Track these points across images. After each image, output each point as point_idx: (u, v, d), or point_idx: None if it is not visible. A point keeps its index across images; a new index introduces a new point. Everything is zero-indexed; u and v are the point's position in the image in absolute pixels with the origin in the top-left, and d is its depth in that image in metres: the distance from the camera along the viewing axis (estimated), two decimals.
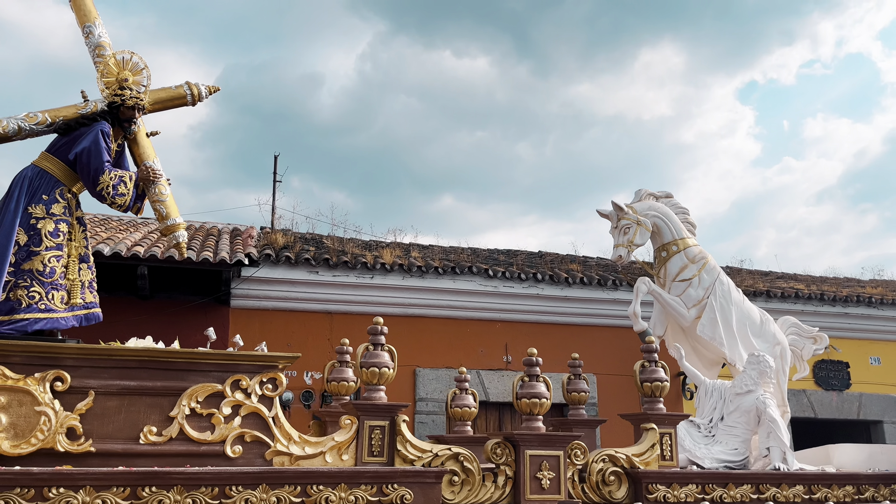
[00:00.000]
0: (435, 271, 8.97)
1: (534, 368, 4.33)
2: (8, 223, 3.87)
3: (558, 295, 9.39)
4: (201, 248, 8.29)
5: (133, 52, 4.39)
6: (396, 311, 8.73)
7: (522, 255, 11.03)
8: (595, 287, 9.51)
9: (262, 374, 3.85)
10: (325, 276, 8.63)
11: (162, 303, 8.16)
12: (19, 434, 3.39)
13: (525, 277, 9.26)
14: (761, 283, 10.86)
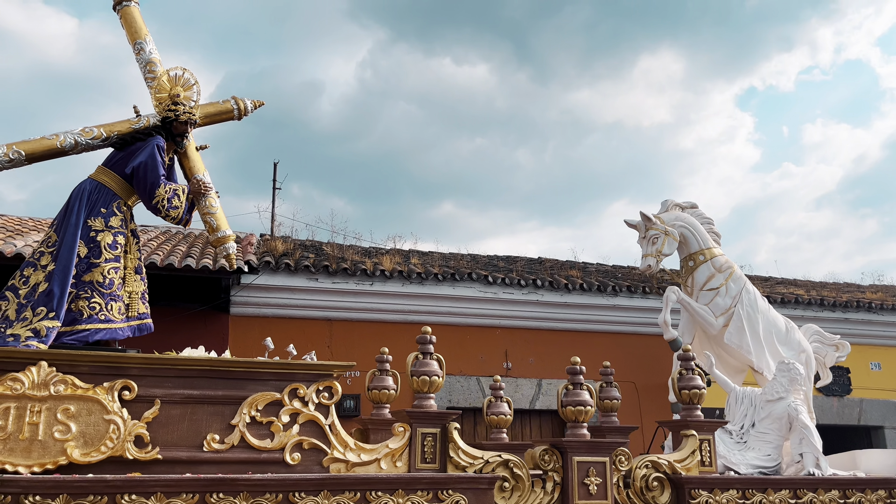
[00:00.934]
0: (434, 278, 8.96)
1: (577, 377, 4.43)
2: (70, 236, 3.97)
3: (558, 301, 9.37)
4: (200, 256, 8.22)
5: (185, 69, 4.50)
6: (396, 317, 8.75)
7: (522, 261, 11.04)
8: (595, 293, 9.50)
9: (318, 382, 3.94)
10: (324, 283, 8.60)
11: (161, 310, 8.05)
12: (89, 442, 3.47)
13: (525, 284, 9.27)
14: (761, 288, 10.84)
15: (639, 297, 9.65)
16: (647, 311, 9.63)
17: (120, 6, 4.71)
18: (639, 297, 9.65)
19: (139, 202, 4.37)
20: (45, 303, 3.81)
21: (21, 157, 4.09)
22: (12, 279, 4.02)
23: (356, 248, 10.38)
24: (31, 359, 3.48)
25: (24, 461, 3.34)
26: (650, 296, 9.71)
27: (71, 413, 3.47)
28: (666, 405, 9.87)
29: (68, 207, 4.10)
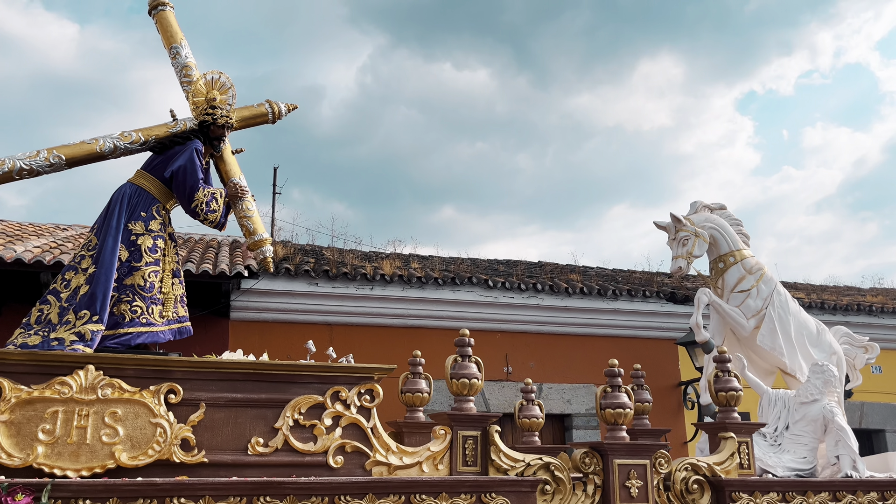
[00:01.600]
0: (435, 282, 8.94)
1: (616, 379, 4.41)
2: (111, 240, 3.98)
3: (558, 305, 9.38)
4: (200, 261, 8.22)
5: (221, 73, 4.51)
6: (396, 322, 8.72)
7: (522, 265, 11.03)
8: (595, 297, 9.52)
9: (360, 385, 3.94)
10: (324, 288, 8.59)
11: None
12: (136, 445, 3.47)
13: (525, 288, 9.25)
14: None
15: (639, 300, 9.68)
16: (648, 314, 9.73)
17: (156, 10, 4.73)
18: (639, 301, 9.68)
19: (177, 205, 4.38)
20: (88, 306, 3.82)
21: (61, 162, 4.11)
22: (53, 283, 4.03)
23: (356, 253, 10.41)
24: (79, 362, 3.49)
25: (72, 465, 3.35)
26: (650, 299, 9.75)
27: (118, 417, 3.47)
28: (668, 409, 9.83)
29: (108, 211, 4.11)
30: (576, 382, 9.29)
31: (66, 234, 9.24)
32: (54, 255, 7.45)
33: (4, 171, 3.93)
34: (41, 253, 7.45)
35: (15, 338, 3.87)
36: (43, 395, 3.39)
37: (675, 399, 9.74)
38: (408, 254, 10.95)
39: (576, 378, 9.24)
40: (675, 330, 9.62)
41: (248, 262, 8.31)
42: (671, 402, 9.69)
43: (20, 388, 3.37)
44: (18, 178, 3.99)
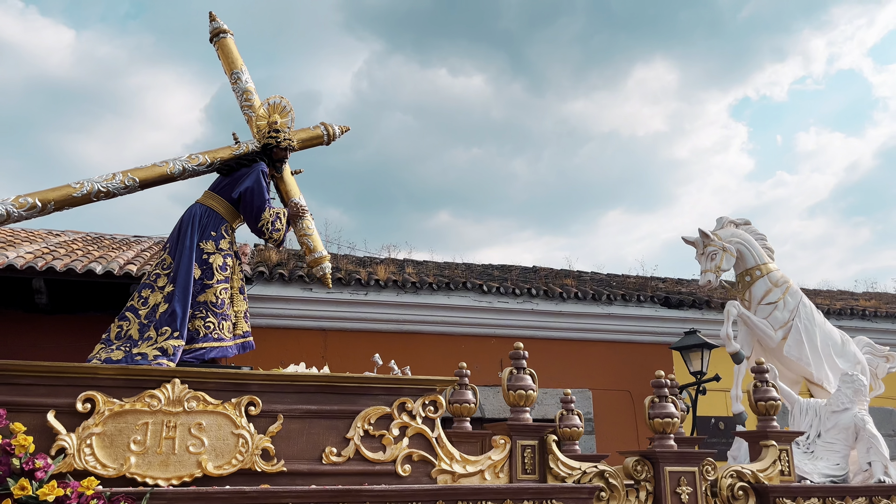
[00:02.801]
0: (429, 287, 8.95)
1: (662, 390, 4.60)
2: (186, 259, 4.16)
3: (553, 310, 9.41)
4: None
5: (282, 97, 4.71)
6: (391, 327, 8.75)
7: (517, 270, 11.07)
8: (589, 302, 9.56)
9: (424, 396, 4.11)
10: (318, 293, 8.56)
11: None
12: (220, 455, 3.64)
13: (520, 293, 9.29)
14: None
15: (633, 305, 9.76)
16: (642, 319, 9.82)
17: (217, 38, 4.93)
18: (633, 306, 9.76)
19: (242, 224, 4.57)
20: (169, 323, 3.99)
21: (135, 184, 4.29)
22: (131, 300, 4.21)
23: (351, 258, 10.38)
24: (166, 376, 3.66)
25: (162, 474, 3.51)
26: (645, 304, 9.82)
27: (202, 428, 3.64)
28: None
29: (180, 231, 4.29)
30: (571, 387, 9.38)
31: (58, 240, 9.28)
32: (46, 260, 7.41)
33: (83, 194, 4.11)
34: (33, 259, 7.45)
35: (97, 353, 4.03)
36: (134, 408, 3.56)
37: None
38: (402, 259, 10.91)
39: (571, 383, 9.21)
40: (670, 334, 9.75)
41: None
42: None
43: (112, 402, 3.54)
44: (95, 200, 4.17)
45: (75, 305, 8.01)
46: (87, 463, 3.40)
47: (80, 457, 3.40)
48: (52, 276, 7.26)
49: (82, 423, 3.47)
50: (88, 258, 7.92)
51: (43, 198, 4.02)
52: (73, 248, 8.69)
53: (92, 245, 9.28)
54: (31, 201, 3.98)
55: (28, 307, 7.83)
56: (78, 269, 7.33)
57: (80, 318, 7.97)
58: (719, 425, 9.57)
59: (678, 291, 10.55)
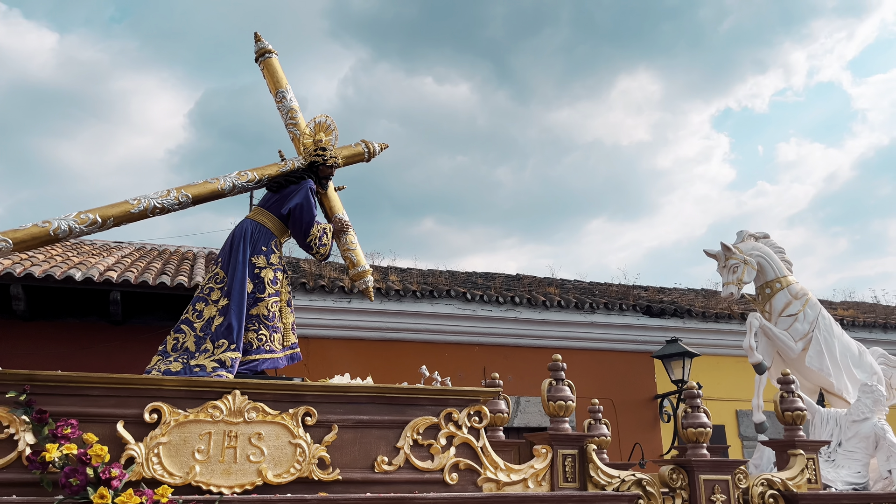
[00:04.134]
0: (413, 295, 8.90)
1: (696, 400, 4.76)
2: (240, 273, 4.30)
3: (536, 318, 9.42)
4: (176, 273, 8.12)
5: (327, 116, 4.86)
6: (374, 335, 8.73)
7: (500, 277, 11.08)
8: (572, 310, 9.61)
9: (469, 407, 4.26)
10: (301, 301, 8.49)
11: (135, 328, 8.03)
12: (278, 464, 3.78)
13: (503, 301, 9.31)
14: (735, 305, 11.03)
15: (616, 314, 9.83)
16: (624, 327, 9.88)
17: (262, 58, 5.08)
18: (616, 314, 9.83)
19: (289, 239, 4.71)
20: (226, 335, 4.14)
21: (188, 200, 4.43)
22: (185, 313, 4.35)
23: (333, 265, 10.17)
24: (227, 388, 3.80)
25: (225, 482, 3.65)
26: (627, 313, 9.90)
27: (262, 437, 3.78)
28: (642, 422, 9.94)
29: (232, 246, 4.44)
30: None
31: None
32: (25, 266, 7.34)
33: (140, 210, 4.25)
34: (11, 265, 7.35)
35: (155, 364, 4.17)
36: (197, 418, 3.70)
37: (651, 412, 9.86)
38: (386, 266, 10.85)
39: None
40: (652, 343, 9.80)
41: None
42: (647, 415, 9.80)
43: (178, 412, 3.68)
44: (151, 216, 4.31)
45: (54, 312, 7.90)
46: (154, 471, 3.54)
47: (149, 465, 3.54)
48: (31, 282, 7.17)
49: (149, 432, 3.61)
50: (68, 264, 7.79)
51: (103, 214, 4.16)
52: (51, 253, 8.50)
53: (71, 251, 9.12)
54: (92, 217, 4.12)
55: (5, 314, 7.71)
56: (57, 275, 7.21)
57: (58, 325, 7.87)
58: None
59: (660, 300, 10.63)
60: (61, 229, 4.03)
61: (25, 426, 3.41)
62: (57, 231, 4.01)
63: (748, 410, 9.71)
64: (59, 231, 4.02)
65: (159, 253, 9.96)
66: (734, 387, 9.83)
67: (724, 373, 9.95)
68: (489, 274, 11.51)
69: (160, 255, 9.77)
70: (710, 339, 10.20)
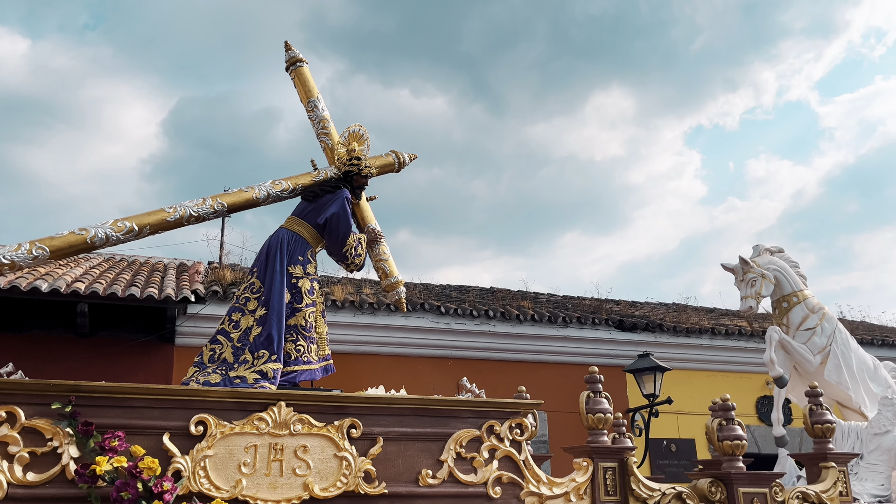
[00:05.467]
0: (387, 308, 8.84)
1: (730, 413, 4.75)
2: (278, 283, 4.24)
3: (510, 332, 9.43)
4: (146, 284, 7.98)
5: (360, 125, 4.83)
6: (347, 348, 8.59)
7: (474, 291, 11.11)
8: (546, 324, 9.64)
9: (511, 419, 4.21)
10: None
11: (103, 340, 7.88)
12: (324, 478, 3.69)
13: (477, 314, 9.33)
14: (706, 320, 11.19)
15: (588, 328, 9.87)
16: (597, 341, 9.92)
17: (294, 67, 5.05)
18: (588, 328, 9.88)
19: (322, 249, 4.65)
20: (266, 346, 4.06)
21: (224, 209, 4.37)
22: (221, 324, 4.26)
23: None
24: (272, 399, 3.72)
25: (271, 496, 3.56)
26: (599, 327, 9.96)
27: (307, 450, 3.70)
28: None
29: (268, 255, 4.37)
30: None
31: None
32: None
33: (176, 219, 4.17)
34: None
35: (192, 376, 4.08)
36: (243, 431, 3.61)
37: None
38: (360, 279, 10.76)
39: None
40: (624, 357, 9.80)
41: (194, 286, 7.92)
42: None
43: (224, 424, 3.59)
44: (186, 224, 4.24)
45: (18, 324, 7.66)
46: (201, 485, 3.44)
47: (195, 479, 3.44)
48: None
49: (195, 445, 3.51)
50: (34, 275, 7.60)
51: (139, 222, 4.08)
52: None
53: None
54: (129, 225, 4.04)
55: None
56: (23, 286, 7.02)
57: (24, 338, 7.64)
58: (671, 447, 9.73)
59: (632, 315, 10.68)
60: (98, 237, 3.94)
61: (69, 438, 3.30)
62: (94, 239, 3.93)
63: None
64: (95, 239, 3.94)
65: (129, 264, 9.72)
66: (705, 401, 9.60)
67: (695, 387, 10.01)
68: (463, 287, 11.47)
69: (130, 266, 9.55)
70: (681, 353, 10.28)
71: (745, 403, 10.47)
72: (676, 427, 10.06)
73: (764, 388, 10.55)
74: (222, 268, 9.72)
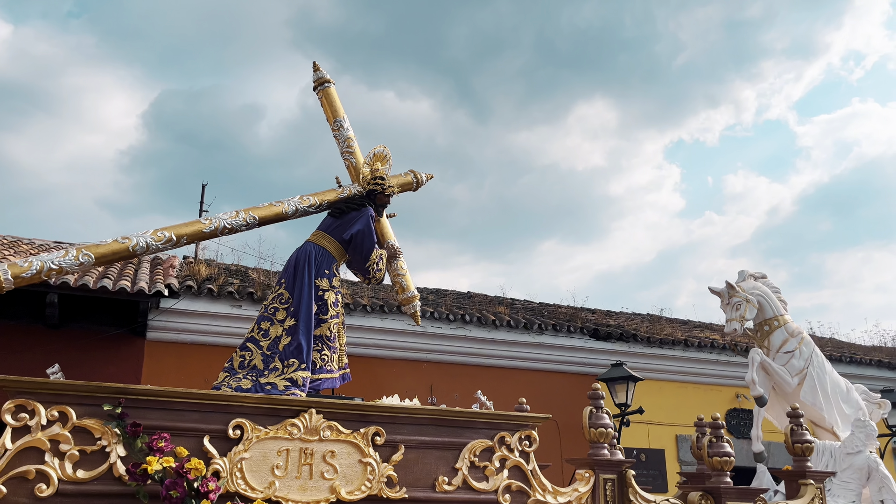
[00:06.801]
0: (363, 309, 8.87)
1: (719, 430, 5.09)
2: (306, 296, 4.46)
3: (485, 337, 9.51)
4: (118, 277, 7.77)
5: (384, 146, 5.07)
6: None
7: (451, 295, 11.15)
8: (521, 330, 9.72)
9: (520, 431, 4.49)
10: (248, 311, 8.27)
11: (72, 332, 7.74)
12: (349, 482, 3.93)
13: (453, 318, 9.37)
14: (680, 331, 11.44)
15: (563, 335, 10.05)
16: (571, 349, 10.07)
17: (321, 87, 5.27)
18: (563, 336, 10.05)
19: (344, 263, 4.88)
20: (296, 355, 4.28)
21: (255, 222, 4.58)
22: (251, 331, 4.48)
23: None
24: (303, 406, 3.95)
25: (301, 498, 3.79)
26: (574, 335, 10.15)
27: (335, 455, 3.93)
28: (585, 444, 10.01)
29: (297, 268, 4.59)
30: None
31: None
32: None
33: (211, 230, 4.38)
34: None
35: (223, 381, 4.28)
36: (276, 435, 3.83)
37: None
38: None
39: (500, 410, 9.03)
40: (597, 366, 9.95)
41: (168, 280, 7.82)
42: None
43: (259, 429, 3.81)
44: (221, 235, 4.45)
45: None
46: (238, 486, 3.66)
47: (233, 480, 3.66)
48: None
49: (233, 448, 3.73)
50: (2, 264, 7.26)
51: (178, 232, 4.28)
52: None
53: (8, 249, 8.66)
54: (168, 235, 4.23)
55: None
56: None
57: None
58: (641, 457, 9.89)
59: (607, 324, 10.92)
60: (139, 246, 4.13)
61: (117, 438, 3.50)
62: (135, 248, 4.12)
63: (688, 435, 10.17)
64: (137, 247, 4.13)
65: None
66: (675, 412, 10.17)
67: (666, 398, 10.26)
68: (440, 290, 11.54)
69: None
70: (654, 363, 10.51)
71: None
72: (647, 437, 10.21)
73: (734, 400, 10.88)
74: (197, 262, 9.59)
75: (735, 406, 10.87)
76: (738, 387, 10.74)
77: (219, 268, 9.62)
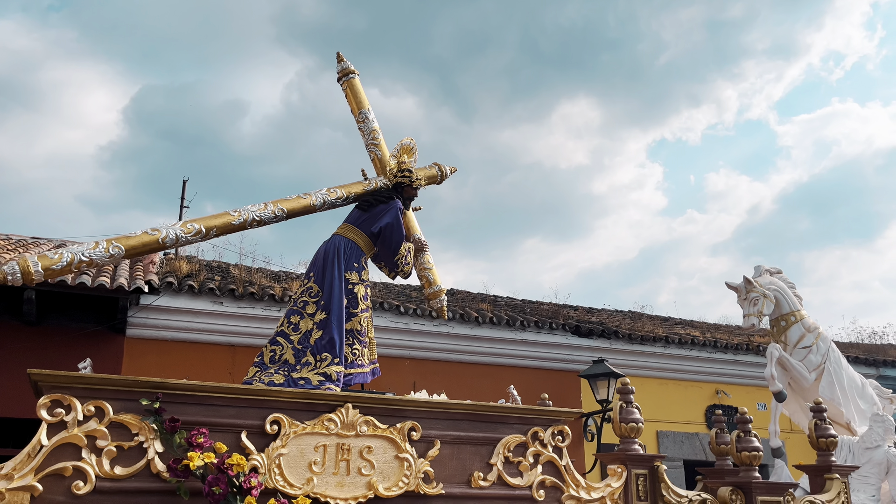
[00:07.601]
0: None
1: (746, 425, 5.07)
2: (337, 289, 4.39)
3: (468, 334, 9.48)
4: (98, 273, 7.56)
5: (411, 139, 5.01)
6: None
7: None
8: (504, 327, 9.70)
9: (553, 426, 4.45)
10: (229, 307, 8.25)
11: (50, 329, 7.62)
12: (386, 478, 3.87)
13: (436, 315, 9.19)
14: (661, 328, 11.48)
15: (546, 332, 10.03)
16: (553, 346, 10.07)
17: (346, 78, 5.20)
18: (546, 333, 10.03)
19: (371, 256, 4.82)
20: (328, 349, 4.21)
21: (283, 214, 4.51)
22: (280, 325, 4.40)
23: (265, 272, 10.02)
24: (340, 401, 3.88)
25: (339, 494, 3.73)
26: (556, 332, 10.15)
27: (372, 451, 3.87)
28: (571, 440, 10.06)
29: (326, 261, 4.51)
30: None
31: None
32: None
33: (240, 222, 4.30)
34: None
35: (254, 376, 4.21)
36: (314, 430, 3.76)
37: (576, 430, 9.68)
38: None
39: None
40: (579, 362, 10.00)
41: (148, 276, 7.68)
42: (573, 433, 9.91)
43: (296, 424, 3.74)
44: (249, 227, 4.37)
45: None
46: (276, 482, 3.59)
47: (271, 476, 3.59)
48: None
49: (270, 443, 3.66)
50: None
51: (207, 224, 4.20)
52: None
53: None
54: (198, 227, 4.16)
55: None
56: None
57: None
58: None
59: (589, 321, 10.95)
60: (169, 238, 4.05)
61: (155, 434, 3.42)
62: (165, 239, 4.04)
63: (668, 431, 10.30)
64: (167, 239, 4.05)
65: None
66: (656, 408, 10.17)
67: (647, 394, 10.14)
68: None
69: None
70: (635, 360, 10.54)
71: (696, 412, 10.76)
72: None
73: (714, 396, 10.91)
74: (178, 259, 9.47)
75: (715, 402, 10.86)
76: (717, 383, 10.91)
77: (200, 264, 9.52)
